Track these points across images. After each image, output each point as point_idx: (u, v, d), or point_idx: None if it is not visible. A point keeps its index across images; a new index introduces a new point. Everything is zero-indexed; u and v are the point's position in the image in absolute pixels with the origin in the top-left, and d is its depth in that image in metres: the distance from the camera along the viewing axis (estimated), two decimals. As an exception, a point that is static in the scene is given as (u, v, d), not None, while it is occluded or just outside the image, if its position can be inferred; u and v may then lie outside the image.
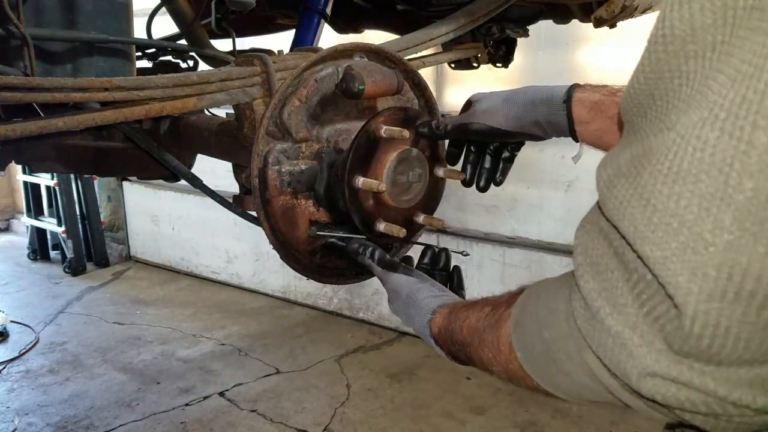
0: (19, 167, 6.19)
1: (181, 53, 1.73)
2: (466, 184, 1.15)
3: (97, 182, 6.10)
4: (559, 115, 0.95)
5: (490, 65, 2.20)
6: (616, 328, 0.48)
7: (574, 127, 0.94)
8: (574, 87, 0.95)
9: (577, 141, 0.97)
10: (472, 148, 1.14)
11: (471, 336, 0.73)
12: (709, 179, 0.40)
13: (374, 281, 1.08)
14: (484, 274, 4.06)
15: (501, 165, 1.12)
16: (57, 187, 5.77)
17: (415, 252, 1.15)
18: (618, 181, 0.47)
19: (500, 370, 0.69)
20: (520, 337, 0.63)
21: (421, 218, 1.18)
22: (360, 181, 1.07)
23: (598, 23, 1.85)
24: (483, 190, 1.13)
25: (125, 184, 6.24)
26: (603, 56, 3.45)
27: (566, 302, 0.55)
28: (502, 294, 0.73)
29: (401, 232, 1.09)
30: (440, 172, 1.18)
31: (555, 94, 0.96)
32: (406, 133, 1.07)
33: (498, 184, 1.12)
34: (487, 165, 1.11)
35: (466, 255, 1.18)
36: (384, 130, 1.06)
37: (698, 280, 0.42)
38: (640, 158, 0.45)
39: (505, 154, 1.12)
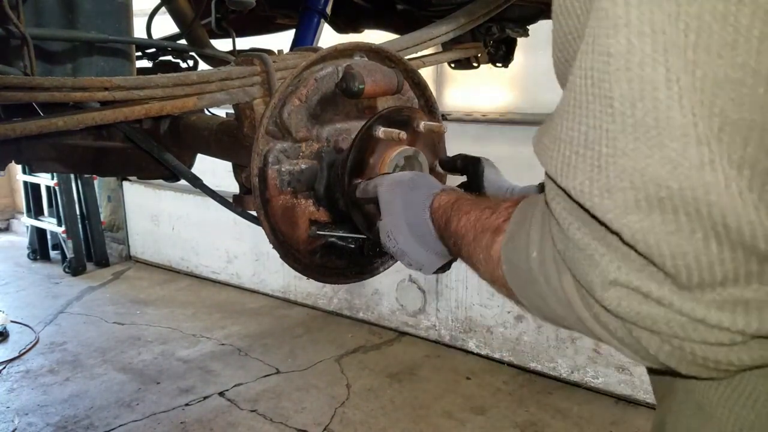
0: (19, 167, 6.19)
1: (181, 53, 1.73)
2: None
3: (97, 182, 6.10)
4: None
5: (490, 65, 2.20)
6: (584, 240, 0.49)
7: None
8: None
9: None
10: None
11: (466, 230, 0.75)
12: (597, 103, 0.45)
13: (374, 281, 1.08)
14: (484, 274, 4.06)
15: None
16: (57, 187, 5.78)
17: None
18: (552, 145, 0.51)
19: (486, 274, 0.71)
20: (509, 252, 0.64)
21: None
22: (380, 131, 1.07)
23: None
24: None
25: (125, 184, 6.24)
26: (603, 56, 3.44)
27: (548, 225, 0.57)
28: (504, 200, 0.74)
29: None
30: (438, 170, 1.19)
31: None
32: (403, 135, 1.07)
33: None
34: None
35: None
36: (381, 131, 1.06)
37: (612, 196, 0.44)
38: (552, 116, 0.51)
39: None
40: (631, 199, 0.43)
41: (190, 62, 1.77)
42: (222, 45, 1.76)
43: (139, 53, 1.71)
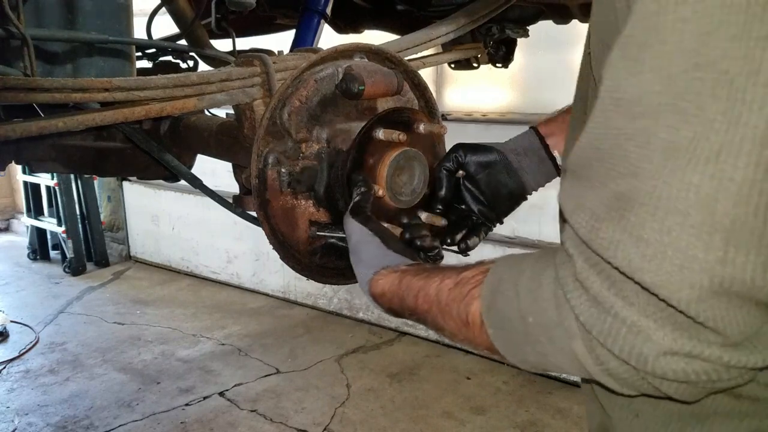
0: (19, 167, 6.19)
1: (181, 53, 1.73)
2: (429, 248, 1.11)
3: (97, 182, 6.10)
4: (529, 137, 1.13)
5: (490, 65, 2.20)
6: (632, 318, 0.55)
7: (545, 142, 1.11)
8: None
9: (551, 157, 1.11)
10: (461, 199, 1.16)
11: (428, 305, 0.80)
12: (697, 212, 0.50)
13: (374, 281, 1.08)
14: (484, 274, 4.05)
15: (472, 238, 1.15)
16: (57, 187, 5.78)
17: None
18: (600, 225, 0.55)
19: (463, 339, 0.76)
20: (493, 319, 0.69)
21: (423, 216, 1.17)
22: (381, 132, 1.06)
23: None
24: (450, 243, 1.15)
25: (125, 184, 6.24)
26: (603, 56, 3.44)
27: (553, 293, 0.62)
28: (462, 267, 0.78)
29: (399, 232, 1.10)
30: (423, 216, 1.15)
31: (521, 133, 1.15)
32: (403, 137, 1.07)
33: (458, 247, 1.15)
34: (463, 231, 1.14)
35: (467, 255, 1.17)
36: (381, 133, 1.06)
37: (696, 292, 0.51)
38: (616, 203, 0.54)
39: (483, 230, 1.15)
40: (713, 291, 0.51)
41: (190, 63, 1.77)
42: (222, 45, 1.76)
43: (139, 54, 1.71)
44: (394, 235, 1.03)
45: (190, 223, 5.76)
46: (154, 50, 1.76)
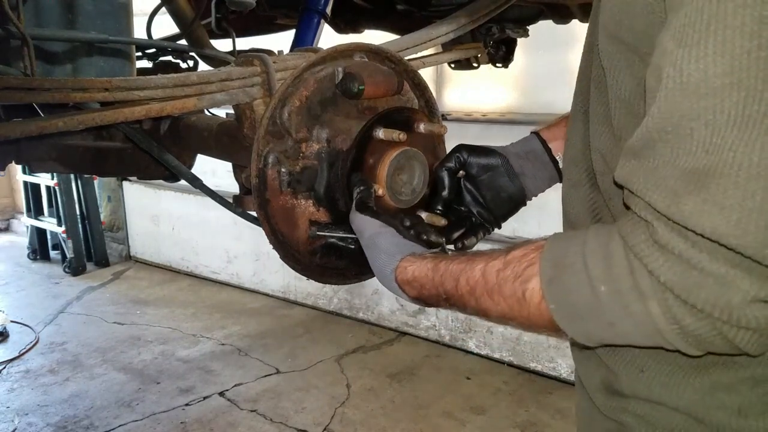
0: (19, 167, 6.19)
1: (181, 53, 1.73)
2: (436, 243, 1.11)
3: (97, 182, 6.10)
4: (531, 142, 1.13)
5: (490, 65, 2.20)
6: (719, 270, 0.58)
7: (548, 146, 1.12)
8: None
9: (554, 160, 1.11)
10: (461, 199, 1.16)
11: (471, 287, 0.81)
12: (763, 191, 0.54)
13: (374, 281, 1.08)
14: (484, 274, 4.05)
15: (470, 238, 1.14)
16: (57, 187, 5.78)
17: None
18: (681, 199, 0.58)
19: (515, 318, 0.78)
20: (556, 293, 0.71)
21: (423, 216, 1.17)
22: (381, 131, 1.06)
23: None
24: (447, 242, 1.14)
25: (125, 184, 6.24)
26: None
27: (626, 259, 0.65)
28: (505, 250, 0.80)
29: None
30: (423, 215, 1.13)
31: (523, 137, 1.16)
32: (403, 136, 1.07)
33: (458, 245, 1.14)
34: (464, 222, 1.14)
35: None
36: (381, 132, 1.06)
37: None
38: (694, 177, 0.57)
39: (481, 231, 1.15)
40: None
41: (190, 62, 1.77)
42: (222, 45, 1.76)
43: (139, 53, 1.71)
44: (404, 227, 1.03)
45: (190, 223, 5.75)
46: (154, 50, 1.76)
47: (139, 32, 1.53)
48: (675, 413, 0.75)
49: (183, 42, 1.79)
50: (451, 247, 1.13)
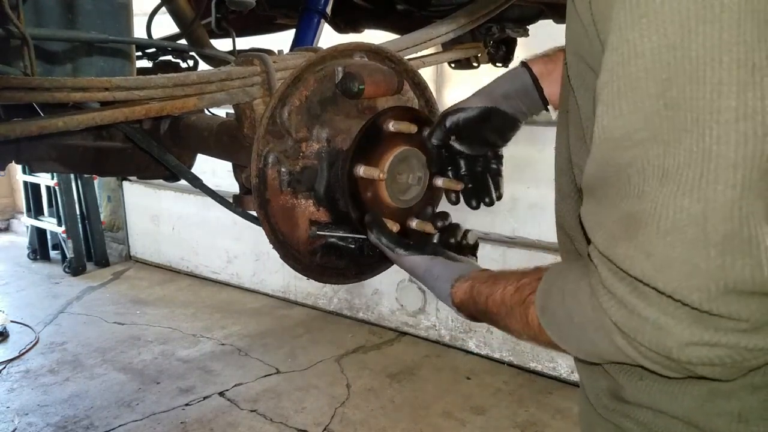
0: (19, 167, 6.19)
1: (181, 53, 1.73)
2: (454, 201, 1.18)
3: (97, 182, 6.10)
4: (522, 77, 1.10)
5: (490, 65, 2.20)
6: (653, 316, 0.61)
7: (540, 85, 1.09)
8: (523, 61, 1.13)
9: (545, 103, 1.09)
10: (462, 164, 1.16)
11: (497, 308, 0.89)
12: (692, 230, 0.57)
13: (374, 281, 1.09)
14: (484, 274, 4.05)
15: (491, 180, 1.16)
16: (57, 187, 5.77)
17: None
18: (617, 243, 0.62)
19: (528, 337, 0.86)
20: (548, 320, 0.78)
21: (414, 223, 1.17)
22: (361, 169, 1.06)
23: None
24: (476, 207, 1.18)
25: (125, 184, 6.24)
26: (603, 56, 3.44)
27: (589, 297, 0.69)
28: (520, 273, 0.89)
29: (395, 227, 1.10)
30: (439, 182, 1.16)
31: (512, 69, 1.14)
32: (414, 128, 1.08)
33: (490, 202, 1.17)
34: (479, 177, 1.16)
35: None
36: (392, 124, 1.06)
37: (705, 294, 0.57)
38: (627, 222, 0.61)
39: (492, 166, 1.16)
40: (720, 290, 0.57)
41: (190, 62, 1.77)
42: (222, 45, 1.76)
43: (139, 53, 1.71)
44: (447, 250, 1.08)
45: (190, 223, 5.75)
46: (154, 50, 1.76)
47: (139, 32, 1.53)
48: (675, 421, 0.77)
49: (183, 42, 1.79)
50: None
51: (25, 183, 6.22)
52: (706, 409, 0.74)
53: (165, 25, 1.88)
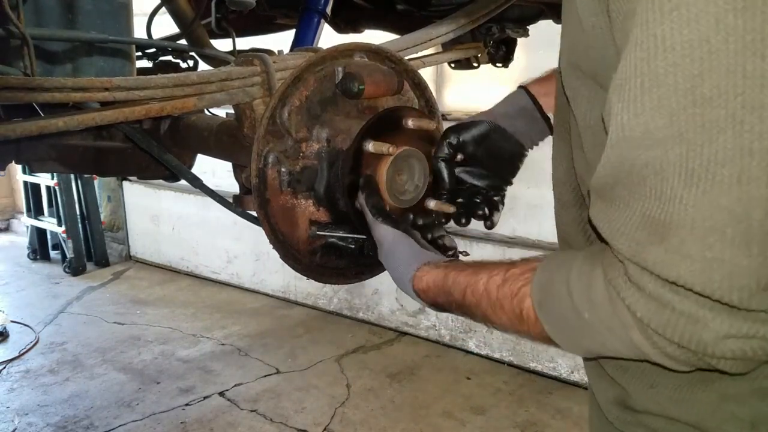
0: (19, 167, 6.19)
1: (181, 53, 1.73)
2: (444, 222, 1.17)
3: (97, 182, 6.10)
4: (520, 97, 1.13)
5: (490, 65, 2.20)
6: (689, 309, 0.60)
7: (539, 103, 1.11)
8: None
9: (547, 119, 1.11)
10: (462, 194, 1.17)
11: (478, 299, 0.84)
12: (733, 229, 0.55)
13: (374, 281, 1.09)
14: (484, 274, 4.05)
15: (486, 209, 1.16)
16: (57, 187, 5.77)
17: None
18: (644, 248, 0.60)
19: (516, 332, 0.82)
20: (547, 315, 0.75)
21: (432, 204, 1.16)
22: (370, 144, 1.06)
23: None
24: (465, 224, 1.17)
25: (125, 184, 6.24)
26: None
27: (606, 291, 0.67)
28: (507, 263, 0.83)
29: (388, 205, 1.10)
30: (431, 204, 1.16)
31: (511, 93, 1.16)
32: (393, 149, 1.07)
33: (488, 228, 1.16)
34: (478, 201, 1.16)
35: (466, 255, 1.17)
36: (371, 145, 1.06)
37: (746, 292, 0.57)
38: (651, 226, 0.59)
39: (494, 198, 1.16)
40: (751, 287, 0.57)
41: (190, 62, 1.77)
42: (222, 45, 1.76)
43: (139, 53, 1.71)
44: (420, 235, 1.05)
45: (190, 223, 5.75)
46: (154, 50, 1.76)
47: (139, 32, 1.53)
48: (688, 428, 0.76)
49: (183, 42, 1.79)
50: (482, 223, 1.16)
51: (25, 183, 6.22)
52: (718, 415, 0.74)
53: (165, 25, 1.88)
